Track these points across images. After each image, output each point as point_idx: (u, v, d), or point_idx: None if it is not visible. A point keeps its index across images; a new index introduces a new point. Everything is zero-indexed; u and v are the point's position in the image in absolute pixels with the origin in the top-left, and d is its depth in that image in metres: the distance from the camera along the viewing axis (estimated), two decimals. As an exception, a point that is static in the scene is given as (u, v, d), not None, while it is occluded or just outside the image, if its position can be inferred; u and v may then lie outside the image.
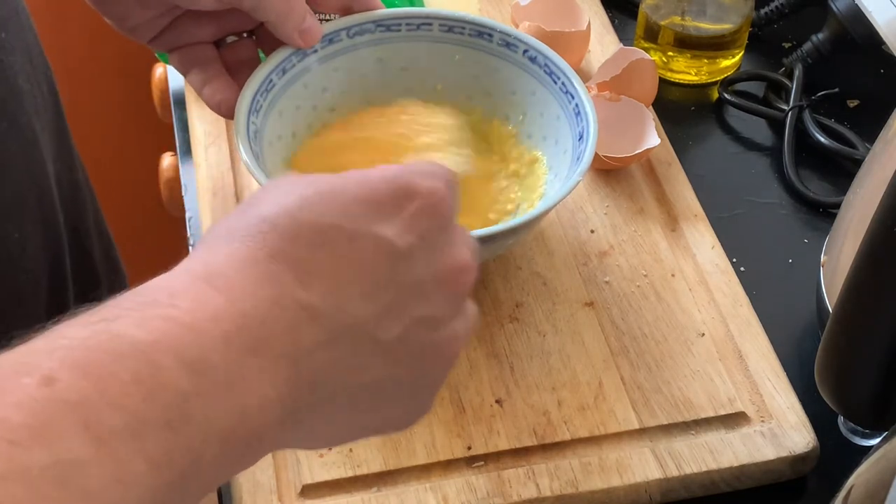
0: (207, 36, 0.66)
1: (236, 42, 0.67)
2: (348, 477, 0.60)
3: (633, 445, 0.62)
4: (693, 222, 0.73)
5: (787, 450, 0.61)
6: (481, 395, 0.63)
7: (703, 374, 0.65)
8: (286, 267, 0.40)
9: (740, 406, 0.63)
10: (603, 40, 0.86)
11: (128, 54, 1.44)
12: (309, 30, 0.65)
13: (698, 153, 0.82)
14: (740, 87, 0.86)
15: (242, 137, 0.63)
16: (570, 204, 0.74)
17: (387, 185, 0.43)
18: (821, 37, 0.86)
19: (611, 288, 0.69)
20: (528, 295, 0.68)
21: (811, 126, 0.81)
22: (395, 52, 0.71)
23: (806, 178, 0.79)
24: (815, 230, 0.76)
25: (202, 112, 0.78)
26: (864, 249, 0.54)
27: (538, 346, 0.66)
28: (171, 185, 0.99)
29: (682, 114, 0.85)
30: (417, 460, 0.60)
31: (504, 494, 0.59)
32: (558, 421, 0.62)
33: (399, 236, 0.42)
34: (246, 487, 0.59)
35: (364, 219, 0.41)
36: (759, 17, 0.90)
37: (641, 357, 0.65)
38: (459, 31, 0.71)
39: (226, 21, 0.66)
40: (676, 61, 0.86)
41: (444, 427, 0.62)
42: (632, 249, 0.71)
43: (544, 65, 0.69)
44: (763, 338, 0.67)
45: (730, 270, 0.70)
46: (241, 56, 0.67)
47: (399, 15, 0.70)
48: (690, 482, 0.61)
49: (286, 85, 0.67)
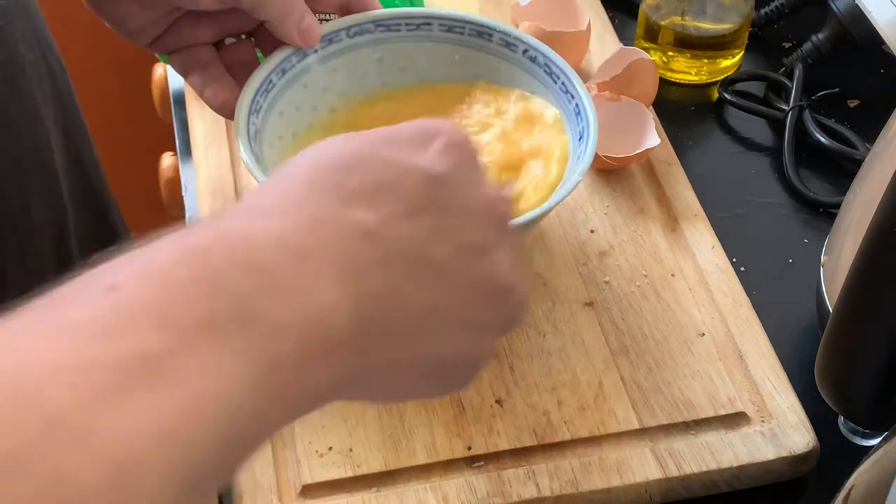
0: (207, 38, 0.66)
1: (235, 44, 0.67)
2: (348, 477, 0.60)
3: (633, 445, 0.62)
4: (693, 222, 0.73)
5: (787, 450, 0.61)
6: (481, 395, 0.63)
7: (703, 374, 0.65)
8: (324, 191, 0.40)
9: (740, 406, 0.63)
10: (603, 40, 0.86)
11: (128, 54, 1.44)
12: (308, 30, 0.65)
13: (698, 153, 0.82)
14: (740, 87, 0.86)
15: (242, 138, 0.63)
16: (570, 204, 0.74)
17: (413, 127, 0.44)
18: (821, 37, 0.86)
19: (611, 288, 0.69)
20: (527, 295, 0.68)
21: (811, 126, 0.81)
22: (395, 52, 0.71)
23: (806, 178, 0.79)
24: (815, 230, 0.76)
25: (202, 112, 0.78)
26: (864, 249, 0.54)
27: (538, 346, 0.66)
28: (171, 185, 0.99)
29: (682, 114, 0.85)
30: (417, 460, 0.60)
31: (504, 494, 0.59)
32: (558, 421, 0.62)
33: (432, 164, 0.43)
34: (246, 487, 0.59)
35: (395, 150, 0.43)
36: (759, 17, 0.90)
37: (641, 357, 0.65)
38: (459, 31, 0.71)
39: (225, 22, 0.66)
40: (676, 61, 0.86)
41: (444, 427, 0.62)
42: (632, 249, 0.71)
43: (544, 65, 0.69)
44: (763, 338, 0.67)
45: (730, 270, 0.70)
46: (240, 58, 0.67)
47: (399, 15, 0.70)
48: (690, 482, 0.61)
49: (286, 85, 0.67)
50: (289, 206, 0.39)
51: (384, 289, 0.40)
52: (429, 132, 0.44)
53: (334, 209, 0.40)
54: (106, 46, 1.46)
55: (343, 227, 0.39)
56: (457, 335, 0.44)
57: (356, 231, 0.39)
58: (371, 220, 0.40)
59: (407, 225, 0.41)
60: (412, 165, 0.42)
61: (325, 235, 0.39)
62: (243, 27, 0.67)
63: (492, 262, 0.44)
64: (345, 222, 0.39)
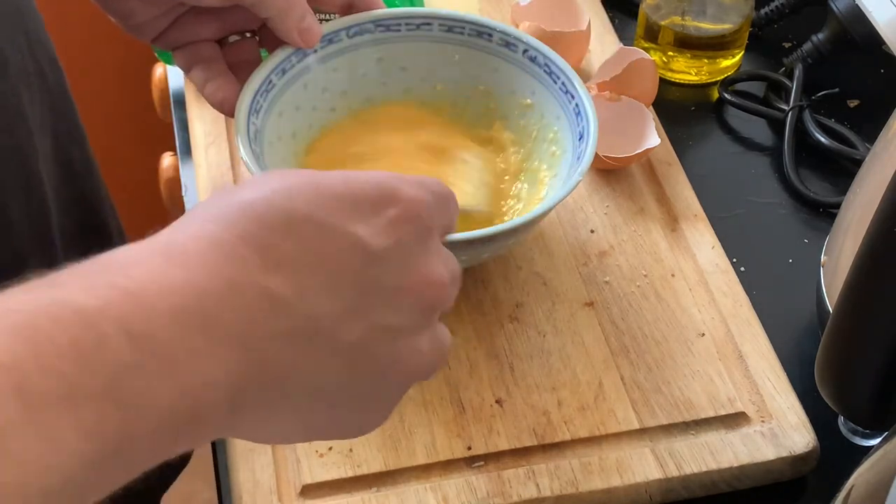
0: (211, 34, 0.66)
1: (239, 42, 0.67)
2: (348, 477, 0.60)
3: (633, 445, 0.62)
4: (693, 222, 0.73)
5: (787, 450, 0.61)
6: (481, 395, 0.63)
7: (703, 374, 0.65)
8: (253, 251, 0.39)
9: (740, 406, 0.63)
10: (603, 40, 0.86)
11: (128, 54, 1.45)
12: (309, 29, 0.65)
13: (698, 153, 0.82)
14: (740, 87, 0.86)
15: (243, 137, 0.63)
16: (570, 204, 0.74)
17: (371, 186, 0.43)
18: (821, 37, 0.86)
19: (611, 288, 0.69)
20: (528, 295, 0.68)
21: (811, 126, 0.81)
22: (395, 52, 0.71)
23: (806, 178, 0.79)
24: (815, 230, 0.76)
25: (202, 112, 0.78)
26: (864, 249, 0.54)
27: (538, 346, 0.66)
28: (171, 185, 0.99)
29: (682, 114, 0.85)
30: (417, 460, 0.60)
31: (504, 494, 0.59)
32: (558, 421, 0.62)
33: (373, 237, 0.41)
34: (246, 487, 0.59)
35: (340, 214, 0.41)
36: (759, 17, 0.90)
37: (641, 357, 0.65)
38: (459, 31, 0.71)
39: (229, 19, 0.66)
40: (676, 61, 0.86)
41: (444, 427, 0.62)
42: (632, 249, 0.71)
43: (544, 64, 0.69)
44: (763, 338, 0.67)
45: (730, 270, 0.70)
46: (243, 56, 0.67)
47: (399, 15, 0.70)
48: (690, 482, 0.61)
49: (286, 85, 0.68)
50: (212, 258, 0.38)
51: (278, 361, 0.39)
52: (389, 198, 0.43)
53: (254, 274, 0.39)
54: (106, 46, 1.47)
55: (256, 295, 0.38)
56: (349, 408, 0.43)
57: (268, 302, 0.39)
58: (288, 291, 0.39)
59: (324, 300, 0.40)
60: (353, 236, 0.41)
61: (233, 302, 0.38)
62: (247, 25, 0.67)
63: (404, 347, 0.43)
64: (259, 289, 0.39)
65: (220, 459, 0.63)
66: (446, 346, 0.46)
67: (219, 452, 0.64)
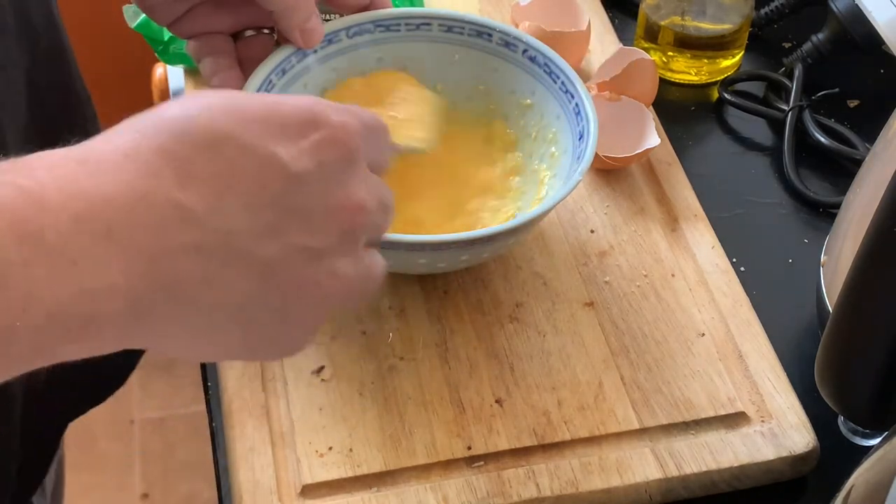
0: (225, 27, 0.66)
1: (254, 37, 0.67)
2: (348, 477, 0.60)
3: (633, 445, 0.62)
4: (693, 222, 0.73)
5: (787, 450, 0.61)
6: (481, 395, 0.63)
7: (703, 374, 0.65)
8: (168, 165, 0.39)
9: (740, 406, 0.63)
10: (603, 40, 0.86)
11: (128, 54, 1.45)
12: (312, 30, 0.65)
13: (698, 153, 0.82)
14: (740, 87, 0.86)
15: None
16: (570, 204, 0.74)
17: (298, 110, 0.43)
18: (821, 37, 0.86)
19: (611, 288, 0.69)
20: (528, 295, 0.68)
21: (811, 126, 0.81)
22: (395, 52, 0.71)
23: (806, 178, 0.79)
24: (815, 230, 0.76)
25: (202, 112, 0.78)
26: (864, 249, 0.54)
27: (538, 346, 0.66)
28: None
29: (682, 114, 0.85)
30: (417, 460, 0.60)
31: (504, 494, 0.59)
32: (558, 421, 0.62)
33: (294, 159, 0.42)
34: (246, 487, 0.59)
35: (263, 135, 0.41)
36: (759, 17, 0.90)
37: (641, 357, 0.65)
38: (459, 31, 0.71)
39: (243, 13, 0.66)
40: (676, 61, 0.86)
41: (444, 427, 0.62)
42: (632, 249, 0.71)
43: (544, 64, 0.70)
44: (763, 338, 0.67)
45: (730, 270, 0.70)
46: (255, 52, 0.67)
47: (399, 15, 0.70)
48: (690, 482, 0.61)
49: (286, 85, 0.68)
50: (127, 169, 0.39)
51: (187, 275, 0.40)
52: (311, 121, 0.43)
53: (166, 187, 0.39)
54: (106, 45, 1.47)
55: (166, 207, 0.39)
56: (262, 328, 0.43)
57: (178, 215, 0.39)
58: (200, 206, 0.40)
59: (240, 217, 0.41)
60: (274, 157, 0.41)
61: (141, 213, 0.38)
62: (262, 21, 0.67)
63: (321, 270, 0.43)
64: (170, 202, 0.39)
65: (220, 460, 0.63)
66: (375, 275, 0.46)
67: (219, 453, 0.64)
